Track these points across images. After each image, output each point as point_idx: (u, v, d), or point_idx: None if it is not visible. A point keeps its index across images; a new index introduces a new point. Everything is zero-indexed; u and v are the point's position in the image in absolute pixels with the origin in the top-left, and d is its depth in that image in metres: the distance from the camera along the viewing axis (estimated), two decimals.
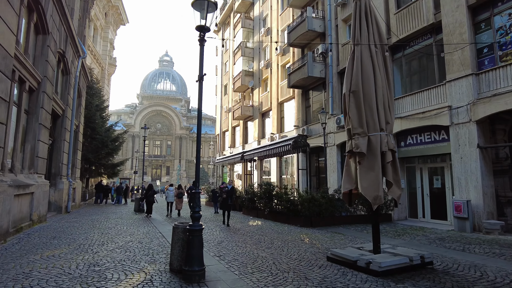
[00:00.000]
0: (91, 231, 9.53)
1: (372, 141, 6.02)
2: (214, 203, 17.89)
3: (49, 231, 9.30)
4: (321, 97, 19.28)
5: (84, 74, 18.99)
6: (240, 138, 30.47)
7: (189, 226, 5.15)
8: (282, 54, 23.20)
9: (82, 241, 7.89)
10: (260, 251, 7.28)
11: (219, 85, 38.43)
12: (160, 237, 8.88)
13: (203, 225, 5.22)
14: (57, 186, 14.11)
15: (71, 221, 11.73)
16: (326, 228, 11.11)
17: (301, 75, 18.70)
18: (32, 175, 10.42)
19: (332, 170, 17.02)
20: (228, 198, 12.23)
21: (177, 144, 75.05)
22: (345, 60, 16.78)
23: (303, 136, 15.35)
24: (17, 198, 8.70)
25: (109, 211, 17.03)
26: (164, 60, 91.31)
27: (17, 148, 9.52)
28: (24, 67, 9.34)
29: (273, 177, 23.25)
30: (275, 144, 16.32)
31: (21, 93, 9.71)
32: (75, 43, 15.54)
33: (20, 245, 7.23)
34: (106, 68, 36.58)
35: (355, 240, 8.88)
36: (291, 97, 21.82)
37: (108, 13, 37.04)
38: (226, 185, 13.30)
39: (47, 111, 11.43)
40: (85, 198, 22.09)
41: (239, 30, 29.24)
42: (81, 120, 19.19)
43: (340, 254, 6.10)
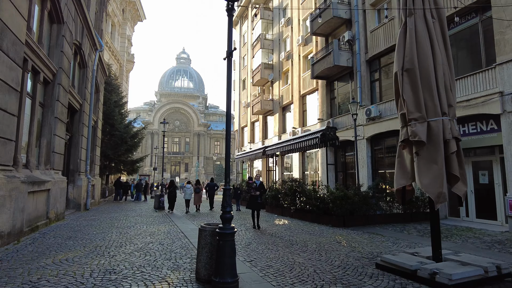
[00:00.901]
0: (109, 231, 8.93)
1: (433, 128, 5.04)
2: (236, 200, 17.15)
3: (65, 230, 8.76)
4: (348, 88, 18.16)
5: (101, 68, 18.58)
6: (259, 133, 29.64)
7: (219, 229, 4.35)
8: (304, 44, 22.14)
9: (99, 242, 7.26)
10: (295, 255, 6.42)
11: (237, 80, 37.67)
12: (182, 238, 8.17)
13: (235, 228, 4.40)
14: (75, 182, 13.70)
15: (89, 219, 11.22)
16: (361, 228, 10.13)
17: (326, 64, 17.63)
18: (48, 171, 9.93)
19: (362, 166, 15.93)
20: (258, 195, 10.50)
21: (195, 141, 75.09)
22: (374, 47, 15.63)
23: (332, 129, 14.36)
24: (31, 196, 8.18)
25: (129, 208, 16.58)
26: (181, 57, 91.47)
27: (32, 142, 9.02)
28: (37, 56, 8.79)
29: (295, 173, 22.31)
30: (301, 138, 15.37)
31: (35, 85, 9.19)
32: (92, 36, 15.06)
33: (33, 246, 6.66)
34: (124, 64, 36.47)
35: (398, 242, 7.89)
36: (314, 89, 20.78)
37: (125, 9, 36.89)
38: (254, 180, 11.12)
39: (63, 105, 10.93)
40: (104, 195, 21.83)
41: (258, 22, 28.31)
42: (99, 116, 18.81)
43: (393, 262, 5.17)
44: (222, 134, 77.99)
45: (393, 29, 14.47)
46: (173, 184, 16.84)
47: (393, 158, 14.95)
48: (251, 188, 10.58)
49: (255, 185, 10.59)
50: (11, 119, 6.91)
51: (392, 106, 14.39)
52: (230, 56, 4.71)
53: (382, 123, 14.84)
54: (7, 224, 6.65)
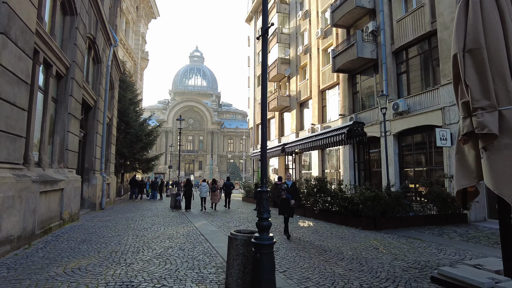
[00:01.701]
0: (125, 233, 8.38)
1: (507, 118, 4.21)
2: (256, 200, 16.48)
3: (79, 233, 8.26)
4: (371, 81, 17.21)
5: (116, 64, 18.18)
6: (275, 130, 28.88)
7: (255, 239, 3.66)
8: (323, 37, 21.24)
9: (115, 247, 6.69)
10: (332, 265, 5.69)
11: (251, 77, 36.96)
12: (203, 242, 7.54)
13: (274, 238, 3.70)
14: (90, 181, 13.29)
15: (104, 220, 10.74)
16: (394, 232, 9.30)
17: (349, 57, 16.73)
18: (62, 170, 9.46)
19: (388, 163, 14.98)
20: (289, 198, 8.56)
21: (208, 139, 74.93)
22: (401, 37, 14.65)
23: (359, 124, 13.49)
24: (44, 196, 7.69)
25: (144, 207, 16.13)
26: (194, 55, 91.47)
27: (45, 139, 8.54)
28: (49, 48, 8.29)
29: (314, 171, 21.49)
30: (324, 134, 14.56)
31: (47, 79, 8.71)
32: (106, 30, 14.60)
33: (44, 251, 6.13)
34: (139, 62, 36.24)
35: (443, 249, 7.05)
36: (334, 83, 19.87)
37: (139, 7, 36.62)
38: (285, 180, 9.34)
39: (77, 100, 10.45)
40: (120, 193, 21.53)
41: (273, 16, 27.51)
42: (114, 113, 18.43)
43: (456, 276, 4.38)
44: (235, 132, 77.60)
45: (423, 18, 13.48)
46: (189, 183, 16.32)
47: (422, 155, 14.01)
48: (280, 190, 8.64)
49: (285, 186, 8.78)
50: (20, 113, 6.40)
51: (422, 99, 13.44)
52: (265, 33, 4.02)
53: (411, 118, 13.89)
54: (17, 227, 6.14)
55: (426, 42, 13.74)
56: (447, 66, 12.17)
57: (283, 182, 9.27)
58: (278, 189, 8.94)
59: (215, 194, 16.07)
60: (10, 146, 5.99)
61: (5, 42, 5.71)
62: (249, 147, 73.37)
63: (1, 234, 5.55)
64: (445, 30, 12.35)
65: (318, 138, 15.10)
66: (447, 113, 12.16)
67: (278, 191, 8.76)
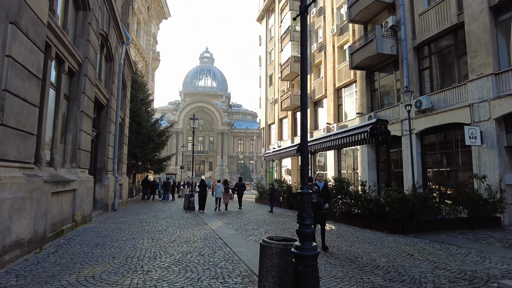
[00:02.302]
0: (140, 236, 7.98)
1: None
2: (271, 202, 16.00)
3: (92, 235, 7.88)
4: (391, 78, 16.56)
5: (128, 63, 17.92)
6: (288, 130, 28.32)
7: (296, 248, 3.17)
8: (338, 33, 20.63)
9: (130, 251, 6.27)
10: (368, 274, 5.15)
11: (263, 76, 36.50)
12: (222, 246, 7.07)
13: (318, 248, 3.20)
14: (102, 182, 12.97)
15: (117, 222, 10.38)
16: (424, 236, 8.68)
17: (367, 53, 16.11)
18: (74, 170, 9.12)
19: (410, 163, 14.30)
20: (321, 203, 7.04)
21: (219, 140, 74.76)
22: (424, 32, 13.96)
23: (383, 121, 12.84)
24: (55, 197, 7.34)
25: (158, 209, 15.78)
26: (204, 56, 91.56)
27: (57, 138, 8.20)
28: (62, 43, 7.95)
29: (329, 172, 20.87)
30: (344, 133, 13.95)
31: (59, 75, 8.38)
32: (119, 27, 14.31)
33: (56, 256, 5.74)
34: (150, 62, 36.14)
35: (485, 256, 6.42)
36: (351, 81, 19.25)
37: (150, 7, 36.52)
38: (315, 181, 7.89)
39: (89, 98, 10.12)
40: (132, 194, 21.28)
41: (286, 14, 27.00)
42: (126, 113, 18.17)
43: None
44: (245, 133, 77.26)
45: (448, 10, 12.80)
46: (204, 183, 15.93)
47: (447, 155, 13.31)
48: (313, 192, 6.85)
49: (316, 188, 7.33)
50: (31, 110, 6.04)
51: (447, 96, 12.75)
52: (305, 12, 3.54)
53: (435, 116, 13.20)
54: (28, 230, 5.77)
55: (451, 35, 13.05)
56: (476, 60, 11.49)
57: (313, 183, 7.51)
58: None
59: (226, 195, 16.34)
60: (20, 144, 5.63)
61: (15, 32, 5.35)
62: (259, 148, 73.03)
63: (11, 238, 5.18)
64: (473, 22, 11.66)
65: (337, 137, 14.49)
66: (476, 110, 11.46)
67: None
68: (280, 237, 3.90)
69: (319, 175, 7.99)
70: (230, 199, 16.84)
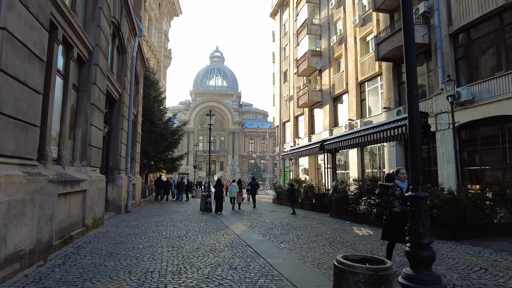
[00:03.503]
0: (158, 243, 7.03)
1: None
2: (291, 202, 14.94)
3: (105, 242, 6.96)
4: (421, 69, 15.31)
5: (141, 58, 17.10)
6: (305, 128, 27.23)
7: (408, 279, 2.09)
8: (361, 24, 19.45)
9: (149, 264, 5.31)
10: None
11: (277, 73, 35.49)
12: (254, 256, 6.06)
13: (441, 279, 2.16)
14: (115, 182, 12.12)
15: (131, 226, 9.47)
16: (482, 243, 7.52)
17: (396, 43, 14.93)
18: (84, 168, 8.24)
19: (447, 161, 13.10)
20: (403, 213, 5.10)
21: (230, 139, 74.03)
22: (462, 17, 12.71)
23: (423, 114, 11.68)
24: (63, 198, 6.44)
25: (173, 210, 14.88)
26: (215, 56, 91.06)
27: (65, 132, 7.32)
28: (70, 25, 7.05)
29: (352, 171, 19.71)
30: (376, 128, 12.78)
31: (68, 62, 7.49)
32: (131, 18, 13.47)
33: (62, 271, 4.82)
34: (162, 60, 35.43)
35: None
36: (376, 73, 18.06)
37: (161, 4, 35.81)
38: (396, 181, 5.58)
39: (100, 90, 9.24)
40: (145, 195, 20.47)
41: (303, 6, 25.90)
42: (139, 110, 17.35)
43: None
44: (256, 132, 76.33)
45: None
46: (220, 183, 14.99)
47: (493, 151, 12.05)
48: (388, 195, 5.19)
49: (399, 191, 5.28)
50: (33, 96, 5.13)
51: (492, 86, 11.49)
52: None
53: (476, 109, 11.96)
54: (29, 239, 4.86)
55: (496, 19, 11.78)
56: None
57: (394, 184, 5.41)
58: (386, 194, 5.22)
59: (240, 194, 16.71)
60: (19, 136, 4.73)
61: (11, 1, 4.45)
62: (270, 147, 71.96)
63: (7, 250, 4.26)
64: None
65: (366, 133, 13.32)
66: None
67: (387, 197, 5.17)
68: (357, 255, 2.87)
69: (402, 172, 5.61)
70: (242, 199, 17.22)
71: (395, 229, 5.13)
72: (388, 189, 5.18)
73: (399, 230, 4.95)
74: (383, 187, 5.28)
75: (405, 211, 4.94)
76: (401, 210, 5.10)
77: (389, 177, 5.51)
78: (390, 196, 5.13)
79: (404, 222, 4.63)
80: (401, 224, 4.85)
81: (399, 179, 5.55)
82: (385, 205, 5.21)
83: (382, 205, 5.33)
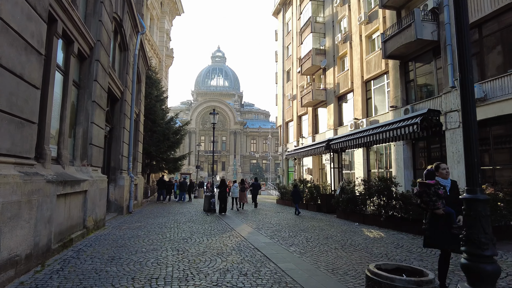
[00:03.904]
0: (162, 246, 6.71)
1: None
2: (295, 203, 14.62)
3: (106, 245, 6.65)
4: (429, 67, 14.95)
5: (143, 56, 16.80)
6: (308, 127, 26.86)
7: None
8: (366, 22, 19.10)
9: (153, 269, 4.99)
10: None
11: (280, 72, 35.13)
12: (264, 261, 5.73)
13: None
14: (117, 182, 11.82)
15: (134, 227, 9.16)
16: (502, 246, 7.17)
17: (404, 40, 14.56)
18: (85, 168, 7.93)
19: (457, 161, 12.73)
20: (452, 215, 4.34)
21: (231, 139, 73.75)
22: (474, 12, 12.34)
23: (435, 112, 11.34)
24: (62, 200, 6.13)
25: (175, 211, 14.56)
26: (216, 56, 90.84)
27: (65, 130, 7.01)
28: (70, 19, 6.75)
29: (357, 171, 19.34)
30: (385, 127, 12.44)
31: (68, 57, 7.18)
32: (134, 15, 13.17)
33: (60, 277, 4.50)
34: (163, 59, 35.13)
35: None
36: (382, 72, 17.71)
37: (163, 2, 35.54)
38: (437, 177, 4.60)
39: (102, 87, 8.94)
40: (147, 195, 20.17)
41: (306, 5, 25.56)
42: (141, 109, 17.05)
43: None
44: (258, 132, 76.03)
45: None
46: (224, 183, 14.68)
47: (505, 150, 11.69)
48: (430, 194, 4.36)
49: (442, 190, 4.41)
50: (30, 91, 4.83)
51: (506, 83, 11.13)
52: None
53: (489, 107, 11.60)
54: (25, 244, 4.55)
55: (509, 14, 11.42)
56: None
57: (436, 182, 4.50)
58: (428, 194, 4.38)
59: (243, 194, 16.79)
60: (15, 133, 4.42)
61: None
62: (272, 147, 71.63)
63: (1, 255, 3.94)
64: None
65: (375, 132, 12.99)
66: None
67: (429, 197, 4.36)
68: (390, 264, 2.55)
69: (443, 167, 4.69)
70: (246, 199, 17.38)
71: (444, 234, 4.31)
72: (430, 187, 4.37)
73: (449, 236, 4.25)
74: (424, 186, 4.47)
75: (449, 213, 4.32)
76: (445, 212, 4.34)
77: (430, 173, 4.64)
78: (433, 196, 4.33)
79: (448, 225, 4.27)
80: (447, 227, 4.28)
81: (441, 176, 4.65)
82: (426, 206, 4.41)
83: (421, 206, 4.53)
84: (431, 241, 4.41)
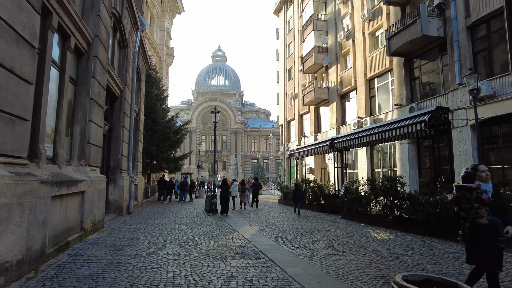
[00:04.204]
0: (162, 249, 6.43)
1: None
2: (295, 202, 14.37)
3: (104, 249, 6.37)
4: (435, 65, 14.65)
5: (143, 54, 16.51)
6: (310, 126, 26.57)
7: None
8: (370, 19, 18.79)
9: (153, 275, 4.71)
10: None
11: (281, 71, 34.84)
12: (270, 265, 5.45)
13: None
14: (116, 182, 11.54)
15: (133, 229, 8.88)
16: None
17: (409, 36, 14.25)
18: (83, 168, 7.65)
19: (464, 160, 12.42)
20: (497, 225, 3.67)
21: (232, 139, 73.49)
22: (481, 7, 12.03)
23: (443, 109, 11.04)
24: (58, 201, 5.85)
25: (176, 211, 14.28)
26: (217, 55, 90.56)
27: (61, 129, 6.73)
28: (65, 11, 6.46)
29: (361, 170, 19.05)
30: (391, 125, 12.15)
31: (64, 52, 6.90)
32: (133, 11, 12.88)
33: (54, 285, 4.22)
34: (164, 58, 34.84)
35: None
36: (386, 69, 17.41)
37: (163, 1, 35.26)
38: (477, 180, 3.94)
39: (100, 84, 8.65)
40: (147, 195, 19.91)
41: (308, 2, 25.26)
42: (141, 108, 16.77)
43: None
44: (259, 132, 75.79)
45: None
46: (226, 183, 14.40)
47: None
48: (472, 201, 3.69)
49: (485, 195, 3.73)
50: (22, 86, 4.54)
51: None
52: None
53: (497, 104, 11.29)
54: (16, 249, 4.27)
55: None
56: None
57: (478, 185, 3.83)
58: (469, 200, 3.74)
59: (244, 194, 16.81)
60: (5, 131, 4.13)
61: None
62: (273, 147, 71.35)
63: None
64: None
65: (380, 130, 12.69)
66: None
67: (470, 204, 3.72)
68: (417, 275, 2.27)
69: (482, 169, 4.08)
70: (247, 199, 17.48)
71: (491, 249, 3.62)
72: (472, 192, 3.71)
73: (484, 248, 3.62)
74: (464, 190, 3.78)
75: (495, 223, 3.64)
76: (490, 222, 3.65)
77: (469, 176, 3.89)
78: (475, 202, 3.66)
79: (493, 238, 3.62)
80: (492, 240, 3.62)
81: (479, 179, 3.96)
82: (467, 214, 3.74)
83: (461, 214, 3.85)
84: (474, 255, 3.71)
